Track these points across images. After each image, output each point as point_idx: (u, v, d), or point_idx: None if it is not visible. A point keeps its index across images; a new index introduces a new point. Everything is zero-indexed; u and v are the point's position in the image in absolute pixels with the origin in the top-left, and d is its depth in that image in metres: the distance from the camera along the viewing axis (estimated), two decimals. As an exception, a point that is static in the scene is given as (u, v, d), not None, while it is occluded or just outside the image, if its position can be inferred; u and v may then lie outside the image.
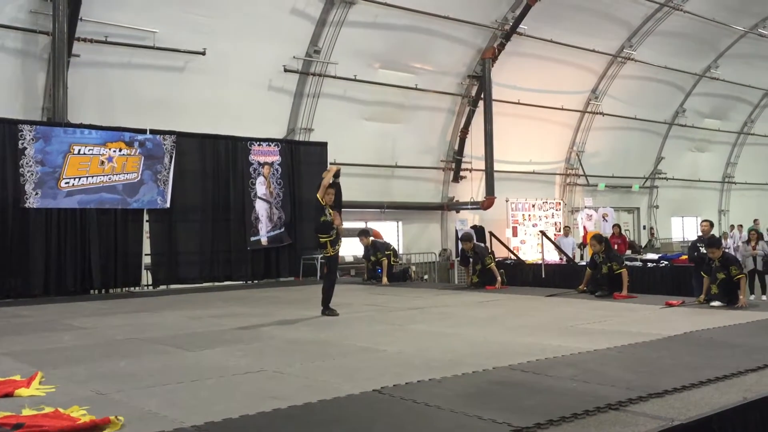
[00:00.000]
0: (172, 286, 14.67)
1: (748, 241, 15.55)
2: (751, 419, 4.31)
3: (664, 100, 27.30)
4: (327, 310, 9.27)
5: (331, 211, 9.24)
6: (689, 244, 14.71)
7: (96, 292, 13.77)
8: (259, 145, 15.98)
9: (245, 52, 16.53)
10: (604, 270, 11.03)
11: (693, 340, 6.84)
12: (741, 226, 21.62)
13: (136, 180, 14.16)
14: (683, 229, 30.87)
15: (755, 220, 27.25)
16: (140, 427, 4.09)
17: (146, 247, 14.49)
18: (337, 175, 9.49)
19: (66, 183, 13.36)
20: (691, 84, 27.56)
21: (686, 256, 14.75)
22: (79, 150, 13.51)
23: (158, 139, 14.48)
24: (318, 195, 9.20)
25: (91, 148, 13.66)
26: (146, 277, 14.67)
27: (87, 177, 13.58)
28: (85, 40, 14.38)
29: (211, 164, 15.31)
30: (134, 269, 14.29)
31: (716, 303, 9.32)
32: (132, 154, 14.12)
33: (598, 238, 11.62)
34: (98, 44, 14.63)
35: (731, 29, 25.78)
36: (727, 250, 11.25)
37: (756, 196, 33.18)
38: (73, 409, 4.39)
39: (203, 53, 15.84)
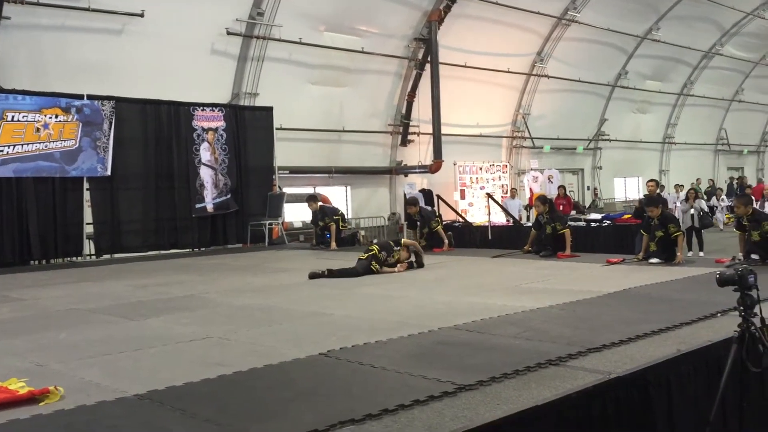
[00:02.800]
0: (116, 255, 14.39)
1: (686, 199, 16.03)
2: (684, 371, 4.47)
3: (607, 63, 27.68)
4: (323, 275, 9.33)
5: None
6: (636, 205, 15.04)
7: (36, 262, 13.40)
8: (202, 110, 15.64)
9: (186, 14, 16.05)
10: (548, 230, 11.24)
11: (631, 296, 7.05)
12: (681, 185, 22.20)
13: (74, 147, 13.73)
14: (626, 190, 31.63)
15: (697, 180, 28.12)
16: (81, 397, 4.02)
17: (88, 216, 14.13)
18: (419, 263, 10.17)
19: (0, 151, 12.88)
20: (633, 46, 27.98)
21: (629, 215, 15.13)
22: (13, 117, 13.01)
23: (96, 104, 14.03)
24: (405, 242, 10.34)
25: (26, 114, 13.16)
26: (88, 247, 14.33)
27: (22, 145, 13.11)
28: (15, 1, 13.71)
29: (153, 130, 14.92)
30: (75, 239, 13.93)
31: (655, 260, 9.61)
32: (69, 120, 13.66)
33: (542, 199, 11.81)
34: (30, 6, 13.98)
35: (672, -9, 26.20)
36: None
37: (695, 156, 34.14)
38: (11, 381, 4.29)
39: (141, 15, 15.32)
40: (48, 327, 6.42)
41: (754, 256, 8.93)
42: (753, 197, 15.33)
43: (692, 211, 15.42)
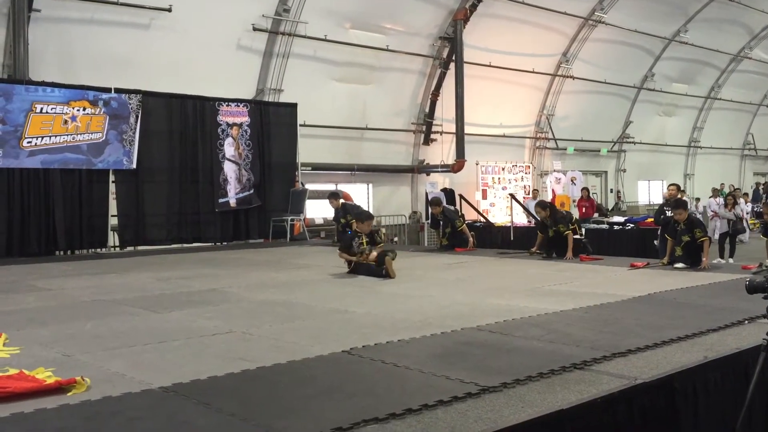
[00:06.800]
0: (140, 248, 14.52)
1: (726, 205, 16.05)
2: (711, 378, 4.42)
3: (634, 64, 27.41)
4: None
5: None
6: (656, 208, 15.03)
7: (61, 253, 13.56)
8: (227, 105, 15.73)
9: (213, 10, 16.15)
10: (551, 233, 11.23)
11: (656, 300, 6.97)
12: (717, 189, 22.14)
13: (100, 140, 13.88)
14: (649, 193, 31.34)
15: (721, 185, 27.80)
16: (107, 388, 4.06)
17: (112, 208, 14.28)
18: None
19: (28, 142, 13.05)
20: (660, 48, 27.68)
21: (652, 219, 15.00)
22: (42, 108, 13.17)
23: (123, 98, 14.17)
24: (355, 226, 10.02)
25: (54, 106, 13.32)
26: (113, 239, 14.48)
27: (50, 136, 13.28)
28: (45, -6, 13.94)
29: (179, 124, 15.05)
30: (100, 230, 14.09)
31: (680, 265, 9.49)
32: (96, 113, 13.81)
33: (542, 204, 11.89)
34: (60, -1, 14.18)
35: (701, -7, 25.88)
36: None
37: (720, 160, 33.72)
38: (39, 371, 4.34)
39: (169, 10, 15.43)
40: (74, 317, 6.50)
41: (782, 264, 8.82)
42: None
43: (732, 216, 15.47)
